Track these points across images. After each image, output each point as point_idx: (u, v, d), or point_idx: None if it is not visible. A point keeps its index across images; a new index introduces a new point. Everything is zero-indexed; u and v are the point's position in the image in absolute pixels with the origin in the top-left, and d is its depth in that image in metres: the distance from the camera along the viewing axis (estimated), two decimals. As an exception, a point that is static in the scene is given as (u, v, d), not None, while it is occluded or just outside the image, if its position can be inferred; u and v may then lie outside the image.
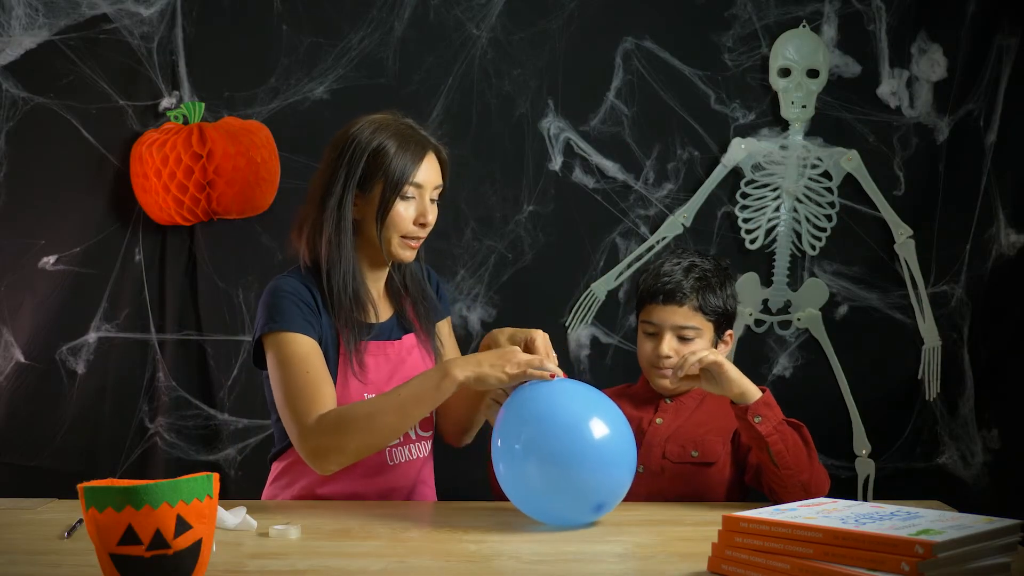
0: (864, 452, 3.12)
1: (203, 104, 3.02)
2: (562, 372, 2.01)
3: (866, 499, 3.09)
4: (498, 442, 1.95)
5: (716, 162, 3.11)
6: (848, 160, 3.09)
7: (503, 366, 1.99)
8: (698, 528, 1.94)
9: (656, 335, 2.30)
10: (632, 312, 2.99)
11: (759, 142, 3.10)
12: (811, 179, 3.11)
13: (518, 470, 1.92)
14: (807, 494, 2.06)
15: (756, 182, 3.11)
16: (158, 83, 3.05)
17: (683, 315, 2.28)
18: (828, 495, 1.99)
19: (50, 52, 3.01)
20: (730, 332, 2.37)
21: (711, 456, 2.27)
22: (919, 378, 3.12)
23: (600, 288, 3.13)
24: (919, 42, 3.08)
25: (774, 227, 3.12)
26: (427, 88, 3.08)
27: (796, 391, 3.08)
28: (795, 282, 3.13)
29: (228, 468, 3.09)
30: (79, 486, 1.53)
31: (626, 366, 2.98)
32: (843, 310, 3.13)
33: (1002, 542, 1.56)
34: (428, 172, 2.18)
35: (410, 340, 2.28)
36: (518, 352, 2.01)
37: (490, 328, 3.03)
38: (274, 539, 1.88)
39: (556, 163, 3.11)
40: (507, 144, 3.11)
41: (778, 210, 3.11)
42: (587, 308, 3.13)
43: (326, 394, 2.11)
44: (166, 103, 3.05)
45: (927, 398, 3.12)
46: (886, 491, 3.05)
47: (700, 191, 3.11)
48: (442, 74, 3.08)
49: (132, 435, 3.09)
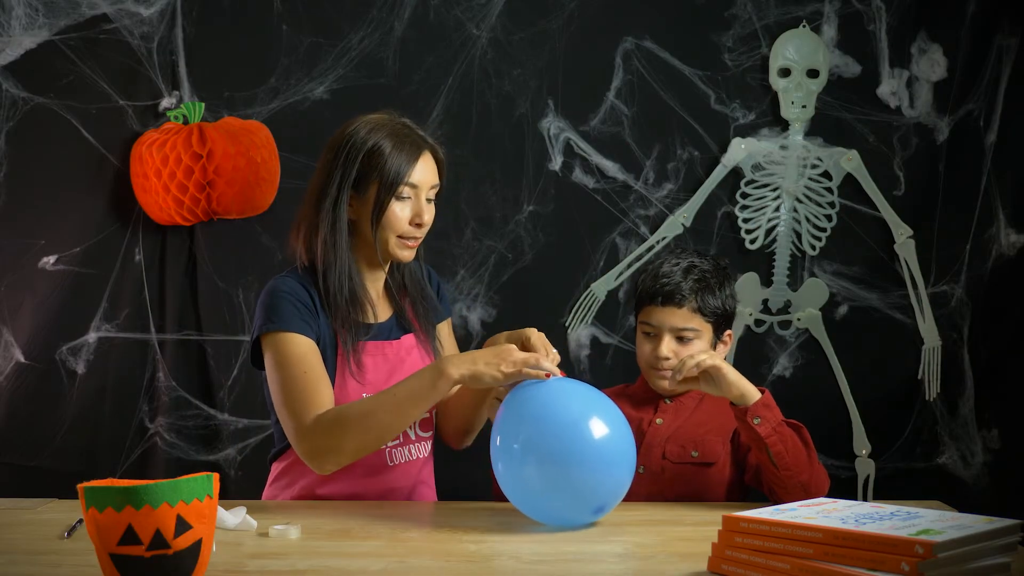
0: (864, 452, 3.12)
1: (203, 104, 3.02)
2: (560, 371, 2.01)
3: (866, 499, 3.09)
4: (497, 441, 1.95)
5: (716, 162, 3.11)
6: (848, 160, 3.09)
7: (499, 365, 1.98)
8: (698, 528, 1.94)
9: (655, 336, 2.30)
10: (632, 312, 2.99)
11: (759, 142, 3.10)
12: (811, 179, 3.11)
13: (517, 470, 1.92)
14: (807, 494, 2.06)
15: (756, 182, 3.11)
16: (158, 83, 3.05)
17: (682, 317, 2.28)
18: (828, 495, 1.99)
19: (50, 52, 3.01)
20: (729, 332, 2.37)
21: (711, 456, 2.27)
22: (919, 378, 3.12)
23: (600, 288, 3.13)
24: (919, 42, 3.08)
25: (774, 227, 3.12)
26: (427, 88, 3.08)
27: (796, 391, 3.08)
28: (795, 282, 3.13)
29: (228, 468, 3.09)
30: (79, 486, 1.53)
31: (626, 366, 2.98)
32: (843, 310, 3.13)
33: (1002, 542, 1.56)
34: (424, 172, 2.18)
35: (409, 340, 2.28)
36: (514, 351, 2.00)
37: (490, 328, 3.06)
38: (274, 539, 1.88)
39: (556, 163, 3.11)
40: (507, 144, 3.11)
41: (778, 210, 3.11)
42: (587, 308, 3.13)
43: (324, 394, 2.10)
44: (166, 103, 3.05)
45: (927, 398, 3.11)
46: (886, 491, 3.05)
47: (700, 191, 3.11)
48: (442, 74, 3.08)
49: (132, 435, 3.09)
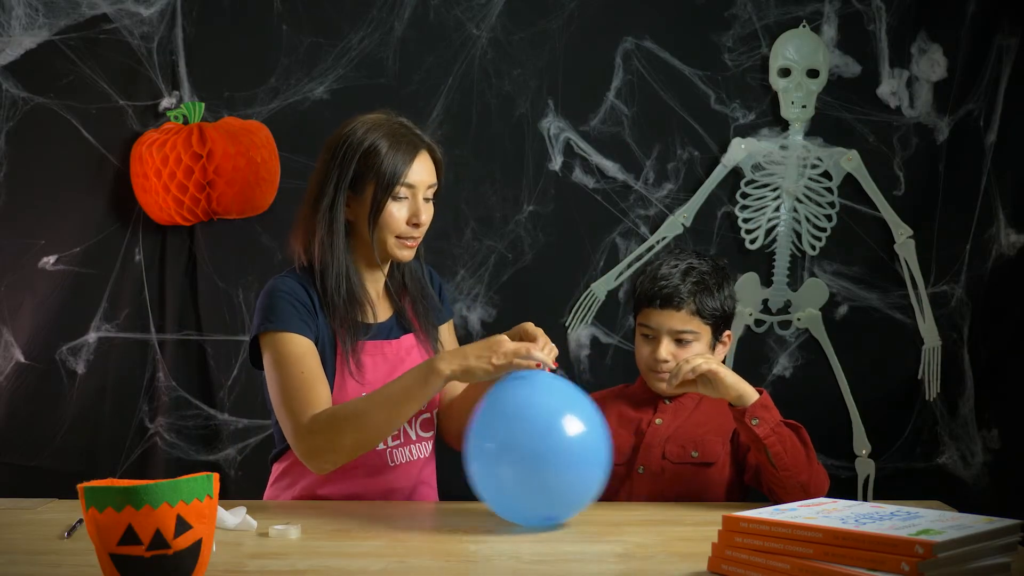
0: (864, 452, 3.12)
1: (203, 104, 3.02)
2: (552, 360, 2.00)
3: (866, 499, 3.09)
4: (470, 440, 1.95)
5: (716, 162, 3.11)
6: (848, 160, 3.09)
7: (489, 357, 1.98)
8: (698, 528, 1.94)
9: (654, 339, 2.30)
10: (631, 313, 2.99)
11: (759, 142, 3.10)
12: (811, 179, 3.11)
13: (488, 469, 1.92)
14: (806, 495, 2.06)
15: (756, 182, 3.11)
16: (158, 83, 3.05)
17: (681, 319, 2.28)
18: (828, 495, 1.99)
19: (50, 52, 3.01)
20: (728, 333, 2.37)
21: (711, 456, 2.27)
22: (919, 378, 3.11)
23: (600, 288, 3.13)
24: (919, 42, 3.08)
25: (774, 227, 3.12)
26: (427, 88, 3.08)
27: (796, 391, 3.09)
28: (795, 282, 3.13)
29: (228, 468, 3.09)
30: (79, 486, 1.53)
31: (626, 366, 2.98)
32: (843, 310, 3.13)
33: (1002, 542, 1.56)
34: (420, 172, 2.17)
35: (409, 340, 2.28)
36: (505, 342, 1.99)
37: (490, 328, 3.06)
38: (274, 539, 1.88)
39: (556, 163, 3.11)
40: (507, 144, 3.11)
41: (778, 210, 3.11)
42: (587, 308, 3.13)
43: (321, 394, 2.10)
44: (166, 103, 3.05)
45: (927, 398, 3.11)
46: (886, 491, 3.05)
47: (700, 191, 3.11)
48: (442, 74, 3.08)
49: (132, 435, 3.09)
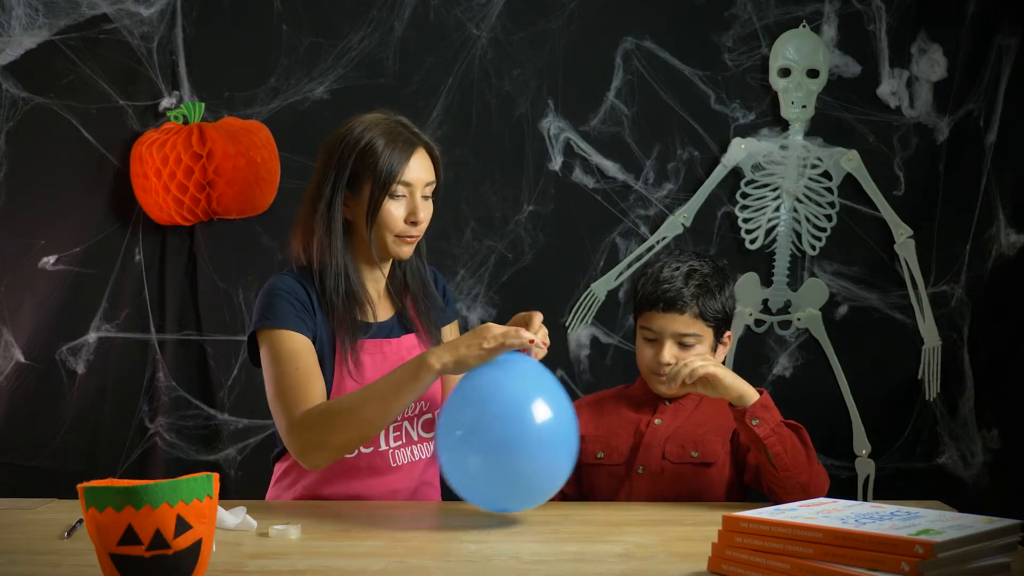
0: (864, 452, 3.12)
1: (203, 104, 3.02)
2: (542, 341, 2.00)
3: (866, 499, 3.09)
4: (439, 427, 1.96)
5: (716, 162, 3.11)
6: (848, 160, 3.09)
7: (480, 343, 1.97)
8: (698, 528, 1.94)
9: (656, 342, 2.29)
10: (631, 314, 2.99)
11: (759, 142, 3.10)
12: (811, 179, 3.11)
13: (456, 455, 1.93)
14: (806, 495, 2.05)
15: (756, 182, 3.11)
16: (158, 83, 3.05)
17: (684, 323, 2.27)
18: (828, 495, 1.99)
19: (50, 52, 3.01)
20: (728, 333, 2.36)
21: (711, 456, 2.27)
22: (919, 378, 3.12)
23: (600, 288, 3.13)
24: (919, 42, 3.08)
25: (774, 227, 3.12)
26: (427, 88, 3.08)
27: (796, 391, 3.09)
28: (795, 282, 3.13)
29: (228, 468, 3.09)
30: (79, 486, 1.53)
31: (626, 366, 2.98)
32: (843, 310, 3.13)
33: (1002, 542, 1.56)
34: (418, 169, 2.16)
35: (411, 340, 2.27)
36: (492, 327, 1.98)
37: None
38: (274, 539, 1.88)
39: (556, 163, 3.11)
40: (507, 144, 3.11)
41: (778, 210, 3.11)
42: (587, 308, 3.13)
43: (315, 391, 2.10)
44: (166, 103, 3.05)
45: (927, 398, 3.11)
46: (886, 491, 3.05)
47: (700, 191, 3.11)
48: (442, 74, 3.08)
49: (132, 435, 3.09)
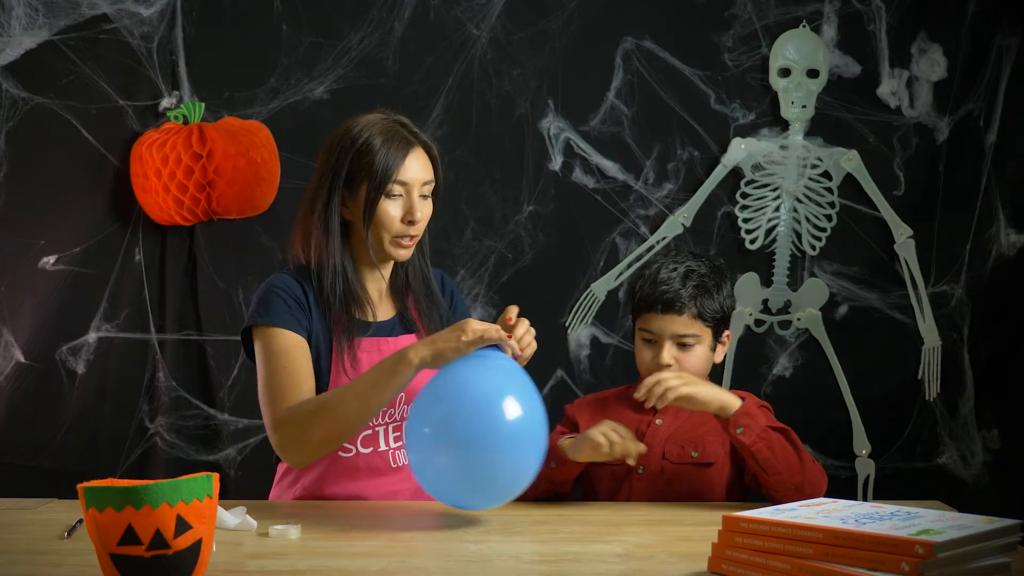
0: (864, 452, 3.12)
1: (203, 104, 3.02)
2: (524, 334, 1.99)
3: (866, 499, 3.09)
4: (409, 424, 1.96)
5: (716, 162, 3.11)
6: (848, 160, 3.09)
7: (458, 337, 1.97)
8: (698, 528, 1.94)
9: (655, 343, 2.29)
10: (630, 315, 2.99)
11: (759, 142, 3.10)
12: (811, 179, 3.11)
13: (424, 454, 1.92)
14: (802, 496, 2.05)
15: (756, 182, 3.11)
16: (158, 83, 3.05)
17: (683, 323, 2.27)
18: (828, 495, 1.99)
19: (50, 52, 3.01)
20: (727, 333, 2.36)
21: (710, 456, 2.27)
22: (919, 378, 3.12)
23: (600, 288, 3.13)
24: (919, 42, 3.08)
25: (774, 227, 3.12)
26: (427, 88, 3.08)
27: (796, 391, 3.09)
28: (795, 282, 3.13)
29: (228, 468, 3.09)
30: (79, 486, 1.53)
31: (626, 366, 2.98)
32: (843, 310, 3.13)
33: (1002, 542, 1.56)
34: (414, 169, 2.16)
35: (410, 340, 2.26)
36: (472, 321, 1.98)
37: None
38: (274, 539, 1.88)
39: (556, 163, 3.11)
40: (507, 144, 3.11)
41: (778, 210, 3.11)
42: (587, 308, 3.13)
43: (303, 389, 2.10)
44: (166, 103, 3.05)
45: (927, 398, 3.11)
46: (886, 491, 3.05)
47: (700, 191, 3.11)
48: (442, 74, 3.08)
49: (132, 435, 3.09)
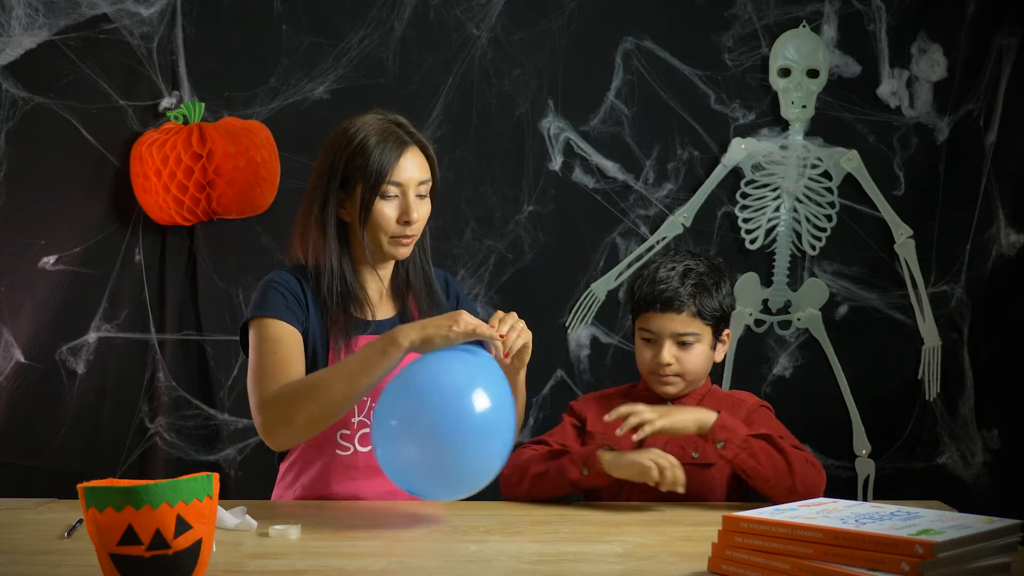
0: (864, 452, 3.12)
1: (203, 104, 3.02)
2: (501, 342, 1.99)
3: (866, 499, 3.09)
4: (376, 415, 1.96)
5: (716, 162, 3.11)
6: (848, 160, 3.09)
7: (450, 326, 1.96)
8: (698, 528, 1.94)
9: (655, 342, 2.29)
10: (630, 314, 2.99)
11: (759, 142, 3.10)
12: (811, 179, 3.11)
13: (391, 445, 1.92)
14: (798, 497, 2.04)
15: (756, 182, 3.11)
16: (158, 83, 3.05)
17: (682, 322, 2.27)
18: (828, 495, 1.98)
19: (50, 52, 3.01)
20: (727, 332, 2.36)
21: (711, 457, 2.26)
22: (919, 378, 3.12)
23: (600, 288, 3.13)
24: (919, 42, 3.08)
25: (774, 227, 3.12)
26: (427, 88, 3.08)
27: (796, 391, 3.09)
28: (795, 282, 3.13)
29: (228, 468, 3.09)
30: (79, 486, 1.53)
31: (626, 366, 2.97)
32: (843, 310, 3.13)
33: (1002, 542, 1.56)
34: (409, 168, 2.15)
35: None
36: (465, 314, 1.98)
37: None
38: (274, 539, 1.88)
39: (556, 163, 3.11)
40: (507, 144, 3.11)
41: (778, 210, 3.11)
42: (587, 308, 3.13)
43: (291, 374, 2.10)
44: (166, 103, 3.05)
45: (927, 398, 3.11)
46: (886, 491, 3.05)
47: (700, 191, 3.11)
48: (442, 74, 3.08)
49: (132, 435, 3.09)
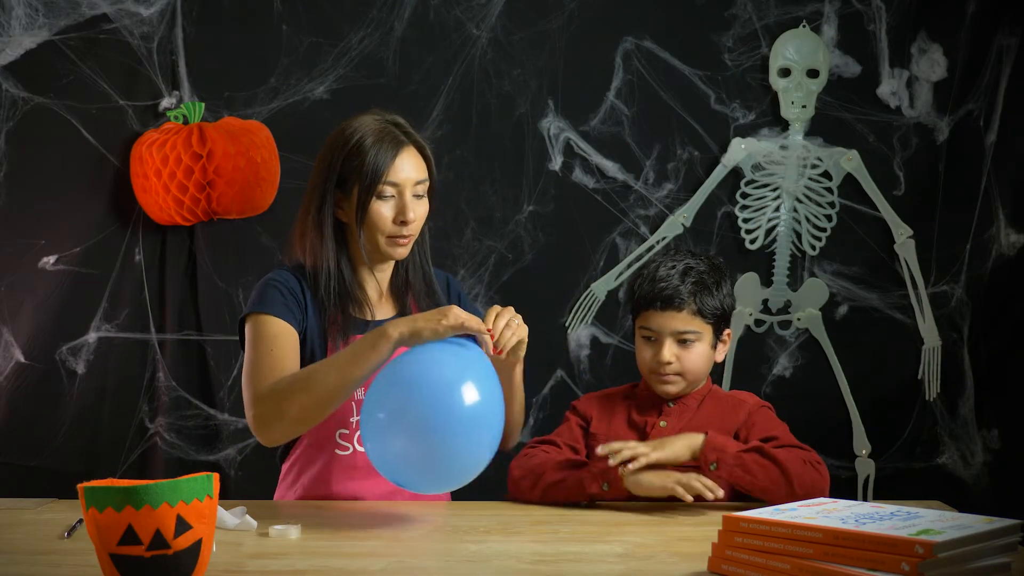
0: (864, 452, 3.12)
1: (203, 104, 3.02)
2: (489, 336, 1.99)
3: (866, 499, 3.09)
4: (365, 408, 1.95)
5: (716, 162, 3.11)
6: (848, 160, 3.09)
7: (439, 319, 1.96)
8: (698, 528, 1.94)
9: (656, 341, 2.29)
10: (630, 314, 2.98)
11: (759, 142, 3.10)
12: (811, 179, 3.11)
13: (379, 437, 1.92)
14: (800, 500, 2.05)
15: (756, 182, 3.11)
16: (158, 83, 3.05)
17: (682, 320, 2.27)
18: (828, 495, 1.99)
19: (50, 52, 3.01)
20: (728, 331, 2.36)
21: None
22: (919, 378, 3.12)
23: (600, 288, 3.13)
24: (919, 42, 3.08)
25: (774, 227, 3.12)
26: (427, 88, 3.08)
27: (796, 391, 3.09)
28: (795, 282, 3.13)
29: (228, 468, 3.09)
30: (79, 486, 1.53)
31: (626, 366, 2.97)
32: (843, 310, 3.13)
33: (1002, 542, 1.56)
34: (405, 169, 2.16)
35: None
36: (456, 308, 1.99)
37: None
38: (274, 539, 1.88)
39: (556, 163, 3.11)
40: (507, 144, 3.11)
41: (778, 210, 3.11)
42: (587, 308, 3.13)
43: (286, 372, 2.11)
44: (166, 103, 3.05)
45: (927, 398, 3.11)
46: (886, 491, 3.05)
47: (700, 191, 3.11)
48: (442, 74, 3.08)
49: (132, 435, 3.09)
